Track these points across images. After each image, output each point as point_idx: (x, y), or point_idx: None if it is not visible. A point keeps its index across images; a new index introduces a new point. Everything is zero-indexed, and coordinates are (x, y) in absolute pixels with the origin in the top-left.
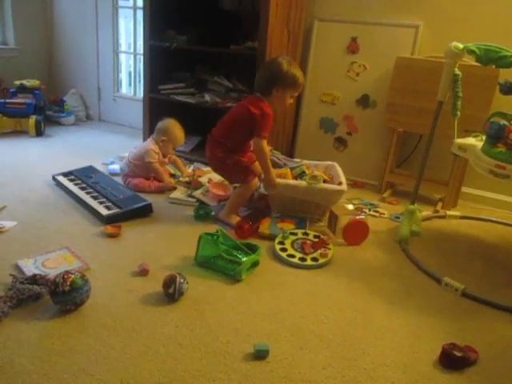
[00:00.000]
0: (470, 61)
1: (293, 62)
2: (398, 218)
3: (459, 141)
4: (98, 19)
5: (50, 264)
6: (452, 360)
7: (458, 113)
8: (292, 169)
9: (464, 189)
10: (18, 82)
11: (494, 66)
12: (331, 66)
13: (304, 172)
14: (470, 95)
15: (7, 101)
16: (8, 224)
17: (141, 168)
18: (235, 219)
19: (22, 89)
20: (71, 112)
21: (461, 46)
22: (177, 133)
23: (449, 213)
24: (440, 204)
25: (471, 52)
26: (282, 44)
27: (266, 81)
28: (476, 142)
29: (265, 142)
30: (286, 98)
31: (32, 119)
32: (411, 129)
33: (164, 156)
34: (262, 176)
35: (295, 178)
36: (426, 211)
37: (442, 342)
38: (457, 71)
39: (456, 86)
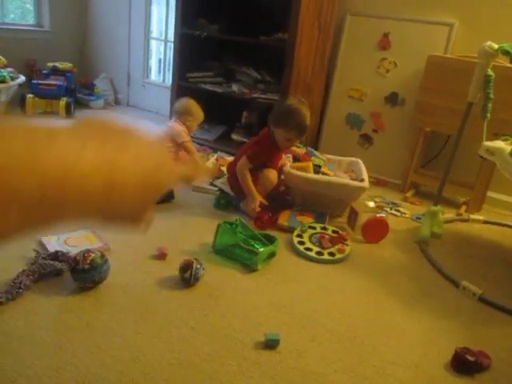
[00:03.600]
0: (504, 62)
1: (303, 106)
2: (419, 218)
3: (487, 143)
4: (131, 5)
5: (72, 242)
6: (464, 364)
7: (488, 115)
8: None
9: (489, 193)
10: (50, 64)
11: None
12: (361, 61)
13: (320, 167)
14: (501, 98)
15: (40, 82)
16: None
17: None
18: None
19: (55, 71)
20: (101, 96)
21: (495, 46)
22: (198, 110)
23: (472, 217)
24: (464, 207)
25: (506, 53)
26: (313, 37)
27: (270, 115)
28: (505, 145)
29: (247, 164)
30: (282, 138)
31: (63, 101)
32: (439, 129)
33: (189, 134)
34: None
35: None
36: (449, 213)
37: (455, 345)
38: (489, 72)
39: (488, 87)
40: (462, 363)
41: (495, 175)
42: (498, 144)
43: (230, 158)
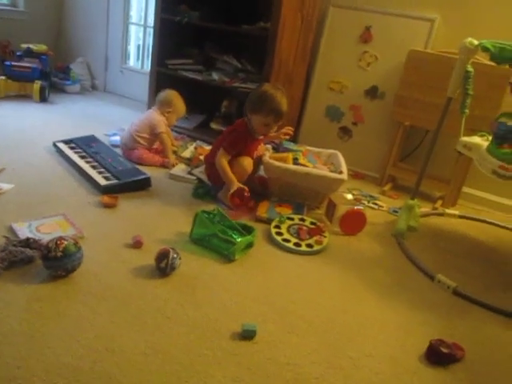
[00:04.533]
0: (483, 59)
1: (278, 92)
2: (396, 211)
3: (465, 139)
4: None
5: (45, 229)
6: (438, 355)
7: (467, 110)
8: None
9: (465, 189)
10: (24, 46)
11: (507, 66)
12: (342, 53)
13: (297, 159)
14: (479, 94)
15: (13, 63)
16: (5, 186)
17: (147, 140)
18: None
19: (29, 53)
20: (77, 80)
21: (475, 43)
22: (180, 103)
23: (448, 211)
24: (440, 202)
25: (486, 49)
26: (295, 27)
27: (246, 102)
28: (482, 141)
29: (225, 156)
30: (258, 124)
31: (37, 84)
32: (418, 123)
33: (168, 127)
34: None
35: None
36: (425, 208)
37: (429, 337)
38: (469, 68)
39: (467, 83)
40: (436, 355)
41: (471, 171)
42: (475, 140)
43: (209, 147)
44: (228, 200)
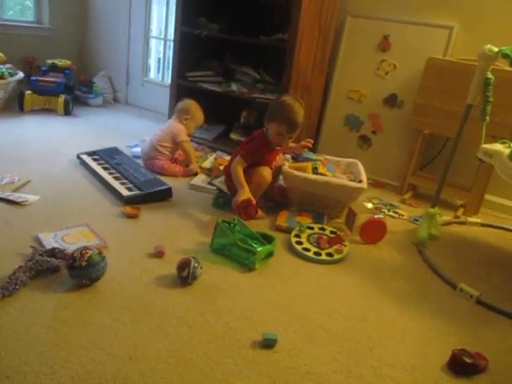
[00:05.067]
0: (503, 65)
1: (296, 103)
2: (417, 220)
3: (486, 146)
4: (131, 3)
5: (70, 239)
6: (461, 366)
7: (487, 118)
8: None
9: (487, 196)
10: (50, 61)
11: None
12: (361, 62)
13: (317, 168)
14: (500, 101)
15: (39, 78)
16: (31, 198)
17: (169, 150)
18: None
19: (54, 68)
20: (99, 94)
21: (495, 49)
22: (198, 112)
23: (470, 219)
24: (461, 210)
25: (506, 56)
26: (313, 38)
27: (266, 112)
28: (503, 148)
29: (241, 163)
30: (273, 133)
31: (61, 98)
32: (437, 131)
33: (188, 135)
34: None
35: None
36: (447, 216)
37: (452, 346)
38: (489, 75)
39: (487, 90)
40: (459, 365)
41: (493, 178)
42: (497, 147)
43: (229, 158)
44: (233, 204)
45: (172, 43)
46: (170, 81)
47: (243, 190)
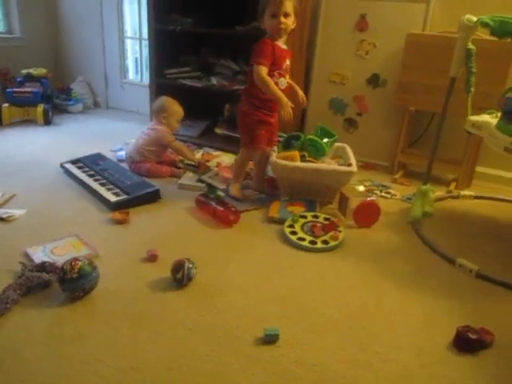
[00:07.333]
0: (483, 35)
1: None
2: (410, 199)
3: (473, 118)
4: (102, 5)
5: (59, 251)
6: (467, 342)
7: (472, 89)
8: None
9: (478, 168)
10: (24, 71)
11: (509, 39)
12: (340, 44)
13: (305, 156)
14: (483, 71)
15: (15, 90)
16: (17, 212)
17: (155, 153)
18: (236, 189)
19: (29, 77)
20: (79, 100)
21: (474, 19)
22: (174, 106)
23: (462, 193)
24: (453, 184)
25: (485, 25)
26: None
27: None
28: (491, 119)
29: (262, 68)
30: (268, 21)
31: (40, 108)
32: (423, 107)
33: (172, 131)
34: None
35: None
36: (439, 192)
37: (456, 324)
38: (470, 46)
39: (469, 61)
40: (464, 342)
41: (482, 149)
42: (484, 118)
43: (217, 153)
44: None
45: (147, 42)
46: (148, 80)
47: (281, 99)
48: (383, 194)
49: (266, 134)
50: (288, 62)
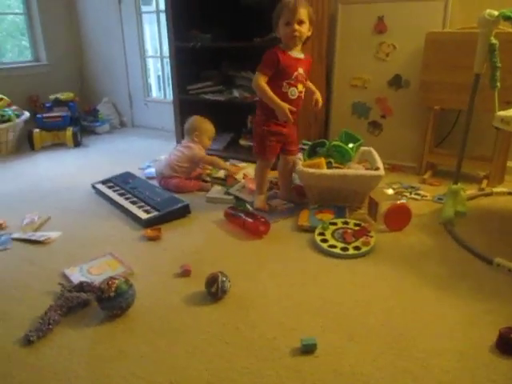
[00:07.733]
0: (506, 28)
1: None
2: (441, 199)
3: (501, 113)
4: (123, 27)
5: (95, 271)
6: (510, 345)
7: (498, 84)
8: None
9: (510, 163)
10: (52, 97)
11: None
12: (359, 48)
13: (331, 162)
14: (508, 64)
15: (44, 115)
16: (53, 235)
17: (187, 169)
18: (260, 201)
19: (57, 102)
20: (105, 120)
21: (495, 13)
22: (205, 124)
23: (495, 190)
24: (485, 181)
25: (507, 18)
26: None
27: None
28: None
29: (259, 76)
30: (282, 29)
31: (69, 131)
32: (448, 105)
33: (204, 149)
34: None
35: None
36: (471, 190)
37: (497, 326)
38: (493, 40)
39: (493, 56)
40: (508, 344)
41: None
42: None
43: (243, 165)
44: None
45: (169, 59)
46: (171, 97)
47: (278, 106)
48: (413, 195)
49: (277, 145)
50: (301, 70)
